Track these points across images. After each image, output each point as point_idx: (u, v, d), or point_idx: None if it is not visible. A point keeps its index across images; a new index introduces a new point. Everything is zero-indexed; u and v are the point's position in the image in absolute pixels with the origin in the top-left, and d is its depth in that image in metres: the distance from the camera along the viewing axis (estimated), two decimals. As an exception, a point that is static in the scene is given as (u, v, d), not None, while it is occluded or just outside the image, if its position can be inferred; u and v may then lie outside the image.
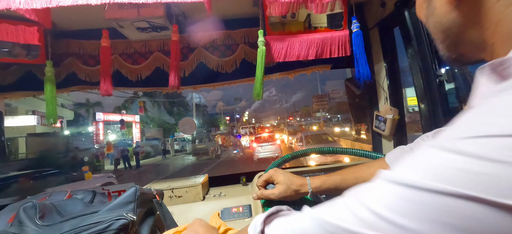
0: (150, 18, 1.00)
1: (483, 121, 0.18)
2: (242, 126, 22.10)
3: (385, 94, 1.23)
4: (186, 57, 1.32)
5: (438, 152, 0.19)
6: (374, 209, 0.21)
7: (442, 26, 0.30)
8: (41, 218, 0.63)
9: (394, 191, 0.20)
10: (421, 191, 0.18)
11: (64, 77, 1.28)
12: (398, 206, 0.19)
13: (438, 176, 0.18)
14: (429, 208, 0.17)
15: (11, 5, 0.70)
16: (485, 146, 0.17)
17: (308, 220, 0.28)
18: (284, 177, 0.68)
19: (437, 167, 0.18)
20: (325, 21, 1.22)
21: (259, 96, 1.05)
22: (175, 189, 1.11)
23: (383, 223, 0.20)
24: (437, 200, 0.17)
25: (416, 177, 0.19)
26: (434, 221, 0.17)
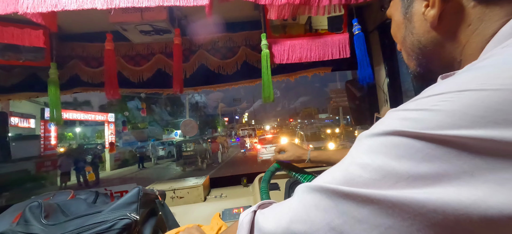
0: (153, 22, 1.02)
1: (419, 95, 0.27)
2: (241, 128, 20.26)
3: (385, 97, 1.24)
4: (188, 59, 1.33)
5: (393, 112, 0.27)
6: (349, 160, 0.27)
7: (419, 44, 0.36)
8: (46, 217, 0.65)
9: (365, 142, 0.27)
10: (379, 136, 0.25)
11: (68, 78, 1.30)
12: (366, 150, 0.26)
13: (388, 123, 0.25)
14: (383, 145, 0.24)
15: (18, 9, 0.72)
16: (414, 103, 0.25)
17: (295, 194, 0.31)
18: (291, 147, 0.94)
19: (388, 119, 0.26)
20: (326, 24, 1.23)
21: (269, 98, 1.06)
22: (177, 190, 1.13)
23: (356, 166, 0.26)
24: (388, 139, 0.24)
25: (377, 128, 0.26)
26: (387, 154, 0.24)
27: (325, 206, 0.26)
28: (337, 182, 0.26)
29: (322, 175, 0.30)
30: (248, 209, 0.39)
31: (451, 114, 0.22)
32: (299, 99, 73.49)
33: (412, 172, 0.22)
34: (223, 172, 11.04)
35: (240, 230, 0.36)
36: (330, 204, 0.25)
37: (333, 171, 0.28)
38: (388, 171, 0.23)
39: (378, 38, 1.22)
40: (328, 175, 0.29)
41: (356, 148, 0.28)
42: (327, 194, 0.26)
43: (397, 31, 0.40)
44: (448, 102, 0.22)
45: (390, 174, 0.23)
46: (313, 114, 48.65)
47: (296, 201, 0.29)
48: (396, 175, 0.22)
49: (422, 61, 0.37)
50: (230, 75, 1.35)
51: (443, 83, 0.26)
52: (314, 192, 0.27)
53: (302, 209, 0.28)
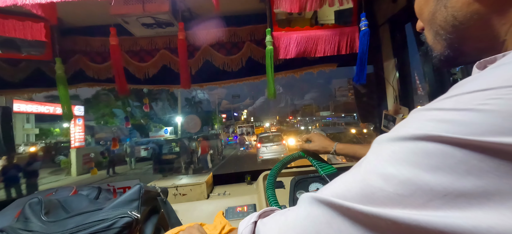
0: (155, 14, 0.99)
1: (454, 88, 0.22)
2: (239, 125, 18.09)
3: (394, 93, 1.19)
4: (192, 55, 1.31)
5: (421, 112, 0.22)
6: (368, 168, 0.23)
7: (454, 20, 0.29)
8: (46, 214, 0.63)
9: (387, 147, 0.22)
10: (406, 140, 0.21)
11: (72, 74, 1.29)
12: (390, 158, 0.21)
13: (418, 126, 0.21)
14: (413, 153, 0.20)
15: (17, 1, 0.70)
16: (452, 101, 0.21)
17: (301, 205, 0.27)
18: (318, 138, 0.94)
19: (418, 120, 0.22)
20: (333, 17, 1.18)
21: (273, 95, 1.04)
22: (180, 187, 1.11)
23: (377, 177, 0.21)
24: (419, 145, 0.20)
25: (403, 131, 0.22)
26: (418, 164, 0.19)
27: (339, 226, 0.22)
28: (353, 197, 0.22)
29: (331, 185, 0.26)
30: (247, 219, 0.36)
31: (508, 115, 0.17)
32: (305, 96, 72.89)
33: (452, 189, 0.18)
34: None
35: None
36: (345, 223, 0.22)
37: (348, 180, 0.24)
38: (419, 186, 0.19)
39: (389, 32, 1.17)
40: (342, 184, 0.24)
41: (375, 154, 0.23)
42: (341, 211, 0.22)
43: (424, 6, 0.33)
44: (502, 100, 0.18)
45: (421, 190, 0.18)
46: (313, 112, 47.60)
47: (303, 214, 0.26)
48: (430, 191, 0.18)
49: (454, 41, 0.31)
50: (235, 72, 1.32)
51: (488, 74, 0.21)
52: (325, 207, 0.23)
53: (311, 226, 0.24)
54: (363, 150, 0.84)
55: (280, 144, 10.62)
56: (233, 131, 21.68)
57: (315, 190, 1.07)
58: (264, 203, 1.00)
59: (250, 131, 18.39)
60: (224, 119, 31.90)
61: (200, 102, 26.47)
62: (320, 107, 52.32)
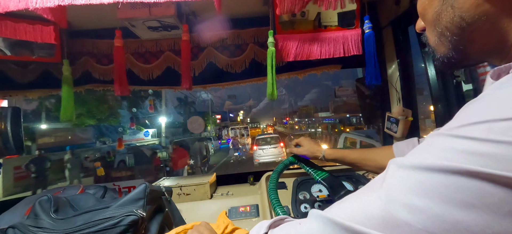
0: (161, 18, 1.01)
1: (480, 110, 0.21)
2: (232, 127, 15.88)
3: (397, 95, 1.19)
4: (196, 57, 1.33)
5: (447, 139, 0.21)
6: (391, 196, 0.21)
7: (461, 21, 0.28)
8: (55, 211, 0.65)
9: (412, 176, 0.21)
10: (435, 172, 0.19)
11: (79, 75, 1.32)
12: (416, 188, 0.20)
13: (448, 157, 0.20)
14: (444, 187, 0.19)
15: (29, 5, 0.73)
16: (484, 130, 0.19)
17: (314, 223, 0.26)
18: (307, 142, 0.94)
19: (446, 150, 0.20)
20: (336, 20, 1.19)
21: (272, 96, 1.05)
22: (184, 187, 1.13)
23: (402, 209, 0.20)
24: (451, 179, 0.19)
25: (430, 160, 0.20)
26: (450, 200, 0.18)
27: None
28: (374, 225, 0.21)
29: (345, 206, 0.25)
30: (258, 227, 0.35)
31: None
32: (306, 96, 72.17)
33: (491, 231, 0.16)
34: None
35: None
36: None
37: (367, 205, 0.22)
38: (451, 224, 0.17)
39: (392, 34, 1.17)
40: (360, 209, 0.23)
41: (397, 180, 0.21)
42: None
43: (428, 6, 0.32)
44: None
45: (454, 229, 0.17)
46: (311, 113, 46.37)
47: (317, 233, 0.25)
48: (465, 231, 0.17)
49: (460, 43, 0.29)
50: (238, 73, 1.33)
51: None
52: (342, 231, 0.22)
53: None
54: (352, 155, 0.83)
55: (277, 146, 10.23)
56: (226, 134, 19.76)
57: (317, 190, 1.07)
58: (267, 203, 1.01)
59: (244, 133, 16.04)
60: (219, 120, 29.56)
61: (194, 102, 24.69)
62: (318, 108, 50.94)
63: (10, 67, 1.26)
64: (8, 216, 0.85)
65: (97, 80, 1.34)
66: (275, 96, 1.07)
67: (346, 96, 26.18)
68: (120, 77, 1.13)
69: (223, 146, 16.98)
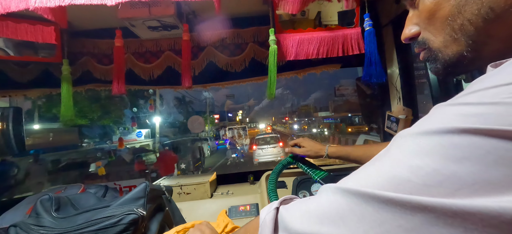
0: (161, 17, 1.02)
1: (476, 84, 0.23)
2: (229, 127, 15.06)
3: (398, 94, 1.19)
4: (196, 56, 1.33)
5: (445, 107, 0.23)
6: (394, 161, 0.23)
7: (490, 12, 0.26)
8: (56, 210, 0.66)
9: (413, 141, 0.23)
10: (432, 134, 0.21)
11: (80, 75, 1.32)
12: (416, 151, 0.22)
13: (444, 121, 0.22)
14: (440, 145, 0.21)
15: (29, 5, 0.73)
16: (477, 96, 0.21)
17: (323, 195, 0.27)
18: (307, 143, 0.93)
19: (443, 116, 0.22)
20: (336, 18, 1.19)
21: (272, 95, 1.05)
22: (184, 186, 1.13)
23: (403, 169, 0.22)
24: (445, 137, 0.21)
25: (428, 126, 0.22)
26: (446, 156, 0.20)
27: (363, 212, 0.23)
28: (378, 186, 0.23)
29: (352, 176, 0.27)
30: (268, 206, 0.36)
31: None
32: (311, 95, 71.60)
33: (480, 178, 0.18)
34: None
35: (263, 228, 0.34)
36: (369, 209, 0.22)
37: (372, 172, 0.25)
38: (446, 176, 0.19)
39: (392, 33, 1.17)
40: (363, 177, 0.25)
41: (398, 148, 0.24)
42: (365, 198, 0.23)
43: (444, 1, 0.30)
44: None
45: (449, 180, 0.19)
46: (311, 113, 45.82)
47: (326, 202, 0.27)
48: (458, 180, 0.19)
49: (480, 39, 0.28)
50: (238, 72, 1.33)
51: (510, 69, 0.21)
52: (349, 195, 0.24)
53: (334, 212, 0.25)
54: (357, 152, 0.83)
55: (276, 146, 10.31)
56: (224, 134, 18.32)
57: (317, 189, 1.08)
58: (267, 202, 1.01)
59: (242, 134, 15.01)
60: (217, 120, 28.37)
61: (192, 101, 23.81)
62: (317, 108, 50.13)
63: (10, 66, 1.27)
64: (10, 215, 0.86)
65: (98, 80, 1.34)
66: (274, 95, 1.07)
67: (346, 95, 25.74)
68: (119, 77, 1.13)
69: (220, 147, 16.06)
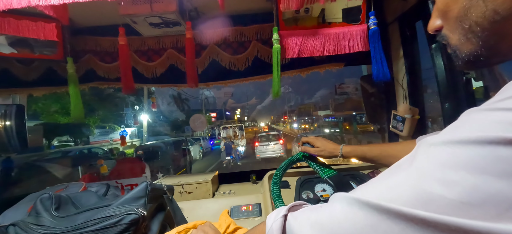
0: (162, 14, 1.00)
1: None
2: (224, 126, 13.42)
3: (404, 93, 1.16)
4: (199, 54, 1.32)
5: (481, 113, 0.21)
6: (423, 172, 0.20)
7: (495, 15, 0.26)
8: (56, 209, 0.65)
9: (445, 150, 0.20)
10: (471, 144, 0.19)
11: (83, 73, 1.32)
12: (451, 162, 0.19)
13: (484, 129, 0.19)
14: (481, 157, 0.18)
15: (31, 2, 0.72)
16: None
17: (338, 205, 0.25)
18: (321, 143, 0.88)
19: (481, 123, 0.20)
20: (340, 16, 1.16)
21: (277, 94, 1.03)
22: (186, 185, 1.12)
23: (435, 183, 0.19)
24: (487, 149, 0.18)
25: (464, 134, 0.20)
26: (488, 170, 0.18)
27: (386, 230, 0.20)
28: (405, 202, 0.20)
29: (371, 187, 0.24)
30: (276, 212, 0.34)
31: None
32: (315, 94, 70.90)
33: None
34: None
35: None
36: (394, 228, 0.20)
37: (396, 184, 0.22)
38: (490, 194, 0.17)
39: (398, 30, 1.14)
40: (385, 189, 0.22)
41: (426, 157, 0.21)
42: (389, 215, 0.20)
43: (453, 2, 0.30)
44: None
45: (494, 199, 0.17)
46: (311, 111, 45.13)
47: (340, 213, 0.24)
48: (506, 200, 0.16)
49: (491, 38, 0.27)
50: (241, 71, 1.32)
51: None
52: (369, 209, 0.22)
53: (350, 226, 0.23)
54: (373, 151, 0.79)
55: (277, 143, 10.68)
56: (218, 133, 16.79)
57: (321, 189, 1.06)
58: (270, 202, 1.00)
59: (238, 133, 13.48)
60: (214, 119, 27.12)
61: (188, 99, 23.23)
62: (317, 107, 49.03)
63: (14, 65, 1.27)
64: (12, 213, 0.85)
65: (101, 78, 1.34)
66: (279, 94, 1.05)
67: (348, 94, 25.27)
68: (126, 75, 1.13)
69: (215, 148, 14.36)
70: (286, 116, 53.18)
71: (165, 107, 19.13)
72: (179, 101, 22.15)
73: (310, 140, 0.91)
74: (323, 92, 65.21)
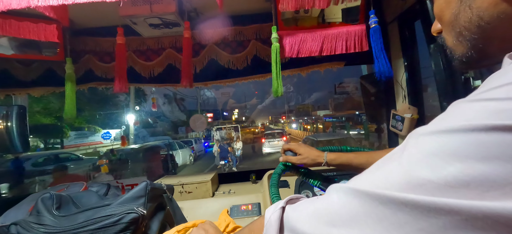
0: (162, 15, 1.01)
1: (501, 77, 0.22)
2: (217, 127, 12.89)
3: (403, 92, 1.17)
4: (198, 54, 1.32)
5: (467, 103, 0.22)
6: (412, 161, 0.21)
7: (480, 20, 0.28)
8: (57, 208, 0.66)
9: (433, 140, 0.21)
10: (455, 132, 0.20)
11: (82, 73, 1.33)
12: (438, 150, 0.20)
13: (468, 118, 0.20)
14: (465, 144, 0.19)
15: (30, 3, 0.73)
16: (504, 91, 0.20)
17: (334, 195, 0.26)
18: (304, 150, 0.83)
19: (466, 112, 0.21)
20: (340, 16, 1.17)
21: (278, 92, 1.03)
22: (185, 184, 1.13)
23: (424, 169, 0.20)
24: (471, 136, 0.19)
25: (450, 123, 0.21)
26: (472, 155, 0.19)
27: (379, 215, 0.21)
28: (396, 187, 0.21)
29: (366, 177, 0.25)
30: (274, 205, 0.35)
31: None
32: (312, 95, 70.64)
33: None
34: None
35: (268, 228, 0.33)
36: (386, 212, 0.21)
37: (385, 174, 0.23)
38: (473, 177, 0.18)
39: (398, 30, 1.14)
40: (378, 178, 0.24)
41: (416, 147, 0.22)
42: (382, 200, 0.22)
43: (446, 7, 0.32)
44: None
45: (476, 180, 0.18)
46: (309, 111, 44.67)
47: (337, 203, 0.25)
48: (487, 181, 0.17)
49: (479, 42, 0.30)
50: (240, 70, 1.32)
51: None
52: (363, 196, 0.23)
53: (346, 214, 0.24)
54: (359, 159, 0.76)
55: (280, 140, 12.75)
56: (213, 135, 15.29)
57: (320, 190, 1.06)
58: (269, 202, 1.00)
59: (233, 135, 12.60)
60: (210, 119, 26.33)
61: (183, 99, 22.46)
62: (315, 106, 48.20)
63: (14, 65, 1.28)
64: (13, 213, 0.86)
65: (99, 78, 1.34)
66: (280, 93, 1.05)
67: (348, 93, 24.90)
68: (120, 74, 1.13)
69: (210, 150, 12.71)
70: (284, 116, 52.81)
71: (157, 107, 17.32)
72: (174, 101, 21.61)
73: (292, 147, 0.85)
74: (320, 92, 64.56)
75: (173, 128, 19.33)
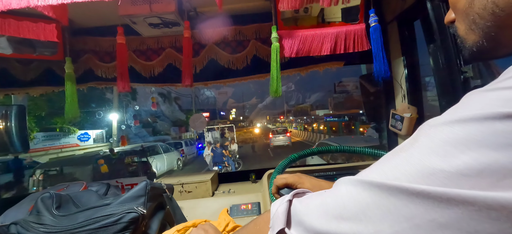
0: (162, 14, 1.01)
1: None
2: (209, 127, 11.30)
3: (402, 92, 1.17)
4: (198, 53, 1.32)
5: (482, 93, 0.22)
6: (424, 150, 0.21)
7: (495, 7, 0.27)
8: (57, 208, 0.66)
9: (445, 129, 0.21)
10: (469, 121, 0.20)
11: (82, 73, 1.32)
12: (450, 139, 0.20)
13: (482, 107, 0.20)
14: (479, 132, 0.19)
15: (30, 3, 0.73)
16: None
17: (342, 187, 0.26)
18: (311, 184, 0.59)
19: (480, 102, 0.21)
20: (340, 15, 1.17)
21: (276, 92, 1.02)
22: (185, 184, 1.13)
23: (436, 158, 0.20)
24: (485, 124, 0.19)
25: (463, 113, 0.21)
26: (485, 143, 0.18)
27: (389, 206, 0.21)
28: (407, 178, 0.21)
29: (375, 169, 0.25)
30: (280, 199, 0.34)
31: None
32: (313, 95, 70.36)
33: None
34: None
35: (275, 220, 0.32)
36: (397, 203, 0.20)
37: (395, 165, 0.23)
38: (487, 165, 0.17)
39: (397, 30, 1.14)
40: (388, 169, 0.23)
41: (428, 137, 0.22)
42: (392, 191, 0.21)
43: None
44: None
45: (490, 169, 0.17)
46: (308, 111, 44.13)
47: (346, 195, 0.25)
48: (501, 169, 0.17)
49: (492, 30, 0.29)
50: (240, 70, 1.32)
51: None
52: (373, 188, 0.23)
53: (355, 206, 0.23)
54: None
55: (285, 135, 15.90)
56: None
57: None
58: (269, 201, 1.00)
59: (228, 136, 11.32)
60: (207, 118, 25.02)
61: (178, 98, 21.91)
62: (314, 106, 47.42)
63: (13, 65, 1.27)
64: (14, 212, 0.86)
65: (99, 77, 1.34)
66: (280, 93, 1.05)
67: (348, 92, 24.53)
68: (123, 74, 1.13)
69: (203, 152, 10.23)
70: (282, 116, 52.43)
71: (148, 107, 16.84)
72: (174, 101, 21.10)
73: (291, 181, 0.62)
74: (318, 93, 63.54)
75: (159, 129, 18.31)
